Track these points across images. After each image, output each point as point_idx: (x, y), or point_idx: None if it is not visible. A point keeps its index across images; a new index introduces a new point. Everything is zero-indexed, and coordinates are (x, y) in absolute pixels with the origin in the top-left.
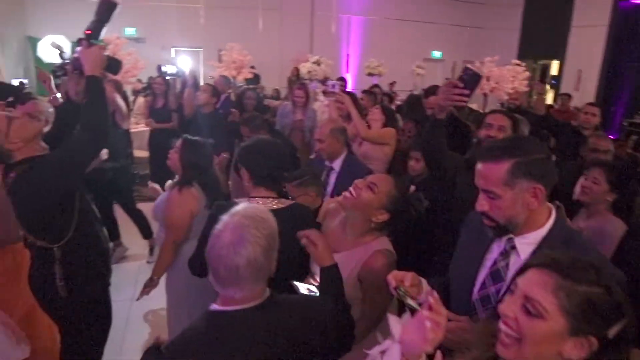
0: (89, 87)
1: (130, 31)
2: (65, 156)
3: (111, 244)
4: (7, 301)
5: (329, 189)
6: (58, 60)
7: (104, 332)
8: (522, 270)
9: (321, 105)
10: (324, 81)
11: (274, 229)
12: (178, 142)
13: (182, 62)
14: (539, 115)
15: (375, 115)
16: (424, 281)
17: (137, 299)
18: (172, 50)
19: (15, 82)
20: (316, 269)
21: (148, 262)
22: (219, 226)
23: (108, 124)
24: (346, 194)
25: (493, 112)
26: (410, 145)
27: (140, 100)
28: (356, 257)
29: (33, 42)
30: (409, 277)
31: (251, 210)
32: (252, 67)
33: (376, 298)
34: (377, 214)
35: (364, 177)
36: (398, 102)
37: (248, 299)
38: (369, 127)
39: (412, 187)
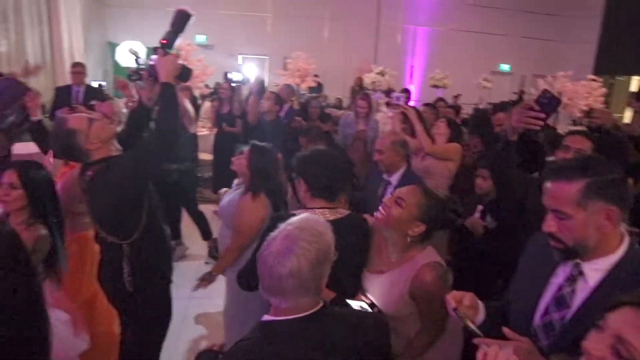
0: (163, 93)
1: (200, 38)
2: (138, 157)
3: (172, 243)
4: (71, 286)
5: None
6: (134, 65)
7: (164, 328)
8: (612, 307)
9: (383, 117)
10: (387, 92)
11: (328, 244)
12: (246, 148)
13: (247, 70)
14: (635, 136)
15: (440, 129)
16: (481, 304)
17: (194, 289)
18: (239, 57)
19: (95, 84)
20: (368, 286)
21: (206, 263)
22: (274, 233)
23: (178, 128)
24: (377, 214)
25: (572, 133)
26: (477, 163)
27: (207, 104)
28: (404, 274)
29: (112, 47)
30: (467, 297)
31: (309, 222)
32: (316, 76)
33: (432, 311)
34: (412, 227)
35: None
36: (464, 116)
37: (295, 310)
38: (432, 141)
39: (480, 207)
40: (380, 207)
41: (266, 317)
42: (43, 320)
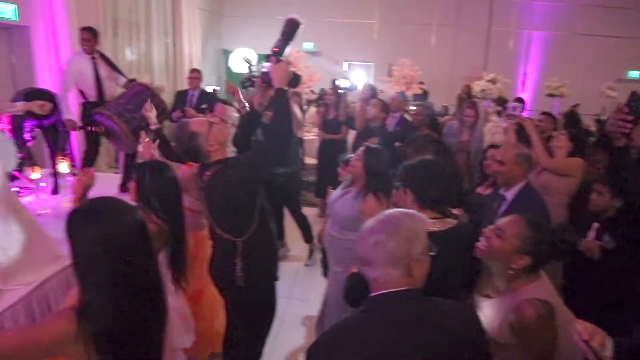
0: (276, 98)
1: (308, 45)
2: (254, 160)
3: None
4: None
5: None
6: (246, 72)
7: (269, 325)
8: None
9: (492, 127)
10: (499, 101)
11: (419, 227)
12: (360, 150)
13: (355, 76)
14: None
15: (561, 142)
16: (609, 341)
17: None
18: (345, 64)
19: (209, 89)
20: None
21: (306, 265)
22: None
23: (291, 132)
24: (479, 245)
25: None
26: (594, 177)
27: (312, 110)
28: (506, 304)
29: (226, 54)
30: (597, 337)
31: (411, 212)
32: (421, 83)
33: (532, 348)
34: (515, 259)
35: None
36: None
37: (388, 284)
38: (551, 155)
39: (596, 225)
40: (481, 238)
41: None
42: (163, 306)
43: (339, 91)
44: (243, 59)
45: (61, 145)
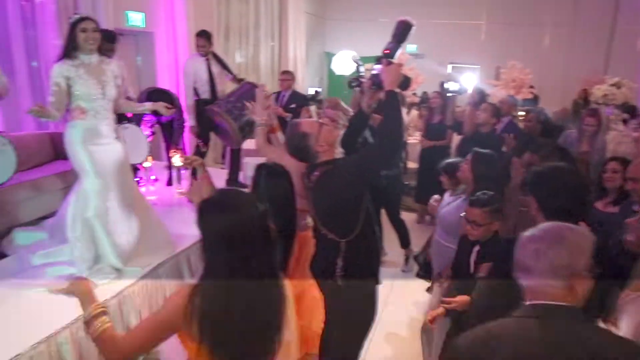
0: (387, 101)
1: (412, 47)
2: (363, 160)
3: None
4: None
5: None
6: (352, 72)
7: (367, 327)
8: None
9: (617, 136)
10: (624, 107)
11: (587, 245)
12: (469, 155)
13: (465, 80)
14: None
15: None
16: None
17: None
18: (449, 66)
19: (311, 90)
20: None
21: (403, 271)
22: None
23: (401, 136)
24: (628, 237)
25: None
26: None
27: (414, 113)
28: None
29: (329, 57)
30: None
31: (577, 226)
32: (532, 87)
33: None
34: None
35: None
36: None
37: (547, 295)
38: None
39: None
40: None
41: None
42: (280, 294)
43: (447, 94)
44: (352, 59)
45: (176, 139)
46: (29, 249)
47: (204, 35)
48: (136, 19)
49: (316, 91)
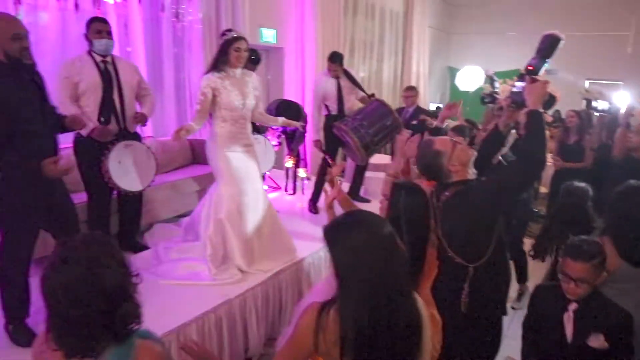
0: (531, 120)
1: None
2: (501, 183)
3: None
4: None
5: None
6: (475, 89)
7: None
8: None
9: None
10: None
11: None
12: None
13: (617, 98)
14: None
15: None
16: None
17: None
18: (586, 82)
19: (433, 106)
20: None
21: (513, 308)
22: None
23: (544, 159)
24: None
25: None
26: None
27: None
28: None
29: (451, 71)
30: None
31: None
32: None
33: None
34: None
35: None
36: None
37: None
38: None
39: None
40: None
41: None
42: (414, 312)
43: (595, 114)
44: (485, 73)
45: (294, 147)
46: (166, 243)
47: (337, 60)
48: (269, 35)
49: (437, 107)
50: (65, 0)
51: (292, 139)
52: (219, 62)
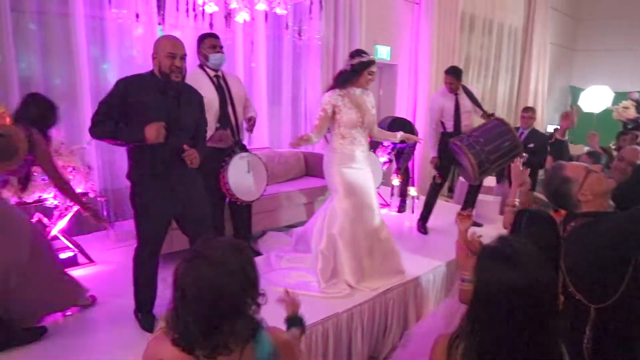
0: None
1: None
2: (636, 218)
3: None
4: None
5: None
6: (600, 110)
7: None
8: None
9: None
10: None
11: None
12: None
13: None
14: None
15: None
16: None
17: None
18: None
19: (550, 128)
20: None
21: None
22: None
23: None
24: None
25: None
26: None
27: None
28: None
29: (573, 91)
30: None
31: None
32: None
33: None
34: None
35: None
36: None
37: None
38: None
39: None
40: None
41: None
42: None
43: None
44: (630, 97)
45: (402, 164)
46: (278, 252)
47: (454, 74)
48: (383, 52)
49: (555, 129)
50: (202, 20)
51: (400, 156)
52: (346, 81)
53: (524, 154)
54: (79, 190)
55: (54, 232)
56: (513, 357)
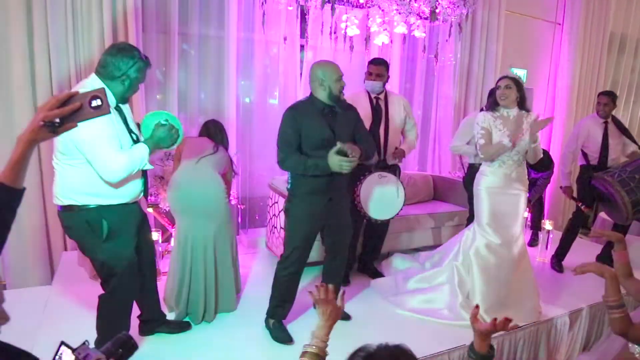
0: None
1: None
2: None
3: None
4: None
5: None
6: None
7: None
8: None
9: None
10: None
11: None
12: None
13: None
14: None
15: None
16: None
17: None
18: None
19: None
20: None
21: None
22: None
23: None
24: None
25: None
26: None
27: None
28: None
29: None
30: None
31: None
32: None
33: None
34: None
35: None
36: None
37: None
38: None
39: None
40: None
41: None
42: None
43: None
44: None
45: (534, 195)
46: (404, 273)
47: (607, 95)
48: (520, 75)
49: None
50: (343, 42)
51: (533, 187)
52: (492, 102)
53: None
54: None
55: None
56: None
